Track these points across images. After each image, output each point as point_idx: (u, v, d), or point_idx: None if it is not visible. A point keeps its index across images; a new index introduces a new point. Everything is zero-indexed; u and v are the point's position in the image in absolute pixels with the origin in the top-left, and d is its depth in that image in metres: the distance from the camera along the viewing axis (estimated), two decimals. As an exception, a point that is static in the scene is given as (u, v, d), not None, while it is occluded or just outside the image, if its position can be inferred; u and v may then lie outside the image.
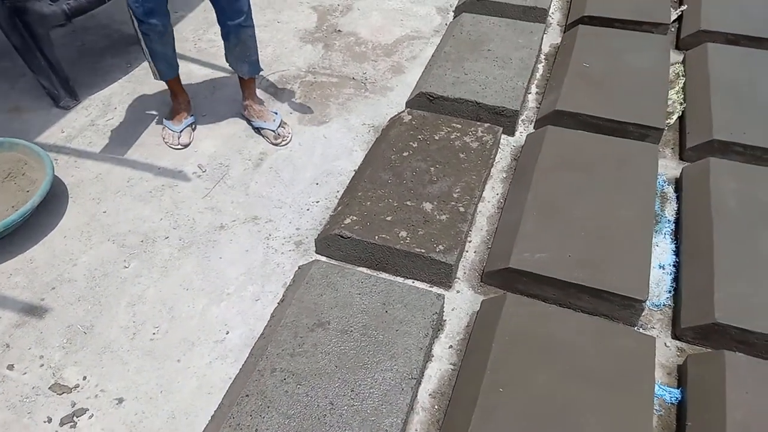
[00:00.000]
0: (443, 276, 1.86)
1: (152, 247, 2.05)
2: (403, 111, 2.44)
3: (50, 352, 1.75)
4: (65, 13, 2.45)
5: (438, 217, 1.96)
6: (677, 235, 2.01)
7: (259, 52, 2.36)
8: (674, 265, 1.92)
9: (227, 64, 2.40)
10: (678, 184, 2.19)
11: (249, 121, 2.53)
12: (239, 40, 2.25)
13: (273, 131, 2.44)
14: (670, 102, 2.51)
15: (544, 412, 1.45)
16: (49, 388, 1.66)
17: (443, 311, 1.78)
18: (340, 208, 2.07)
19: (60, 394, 1.64)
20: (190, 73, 2.84)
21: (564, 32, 3.04)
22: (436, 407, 1.60)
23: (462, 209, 1.98)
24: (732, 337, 1.64)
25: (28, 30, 2.40)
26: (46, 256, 2.02)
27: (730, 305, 1.65)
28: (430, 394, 1.63)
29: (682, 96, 2.54)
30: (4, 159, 2.22)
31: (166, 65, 2.30)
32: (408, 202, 2.01)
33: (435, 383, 1.65)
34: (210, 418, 1.57)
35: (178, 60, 2.38)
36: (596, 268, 1.76)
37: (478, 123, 2.35)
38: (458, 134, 2.28)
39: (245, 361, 1.68)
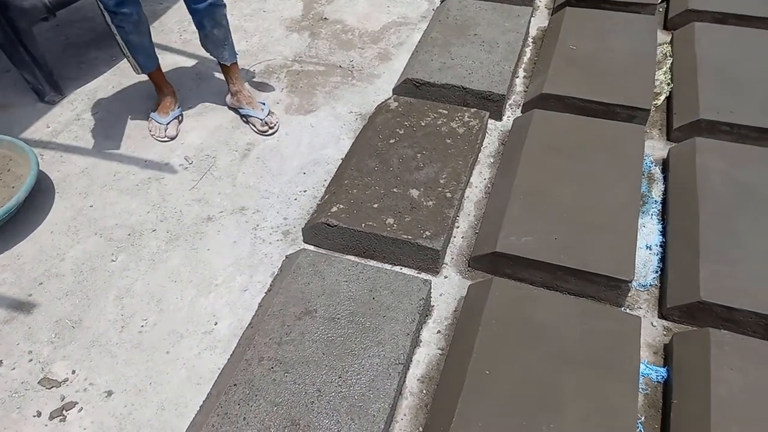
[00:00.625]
0: (430, 262, 1.87)
1: (140, 240, 2.04)
2: (390, 98, 2.43)
3: (39, 347, 1.75)
4: (46, 6, 2.43)
5: (425, 203, 1.95)
6: (664, 216, 2.01)
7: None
8: (661, 246, 1.92)
9: (206, 52, 2.36)
10: (665, 165, 2.19)
11: (236, 110, 2.51)
12: (215, 21, 2.18)
13: (260, 119, 2.42)
14: (657, 83, 2.50)
15: (530, 393, 1.46)
16: (38, 382, 1.66)
17: (430, 297, 1.79)
18: (326, 196, 2.06)
19: (49, 389, 1.64)
20: (175, 65, 2.82)
21: (551, 15, 3.02)
22: (424, 392, 1.61)
23: (449, 195, 1.98)
24: (717, 315, 1.65)
25: (10, 25, 2.38)
26: (33, 251, 2.02)
27: (715, 284, 1.66)
28: (418, 379, 1.63)
29: (670, 76, 2.53)
30: (-12, 155, 2.21)
31: (145, 57, 2.27)
32: (395, 189, 2.01)
33: (423, 368, 1.66)
34: (198, 408, 1.57)
35: (164, 52, 2.36)
36: (582, 250, 1.76)
37: (465, 108, 2.34)
38: (445, 120, 2.27)
39: (233, 351, 1.68)
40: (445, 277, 1.89)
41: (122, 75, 2.78)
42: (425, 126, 2.25)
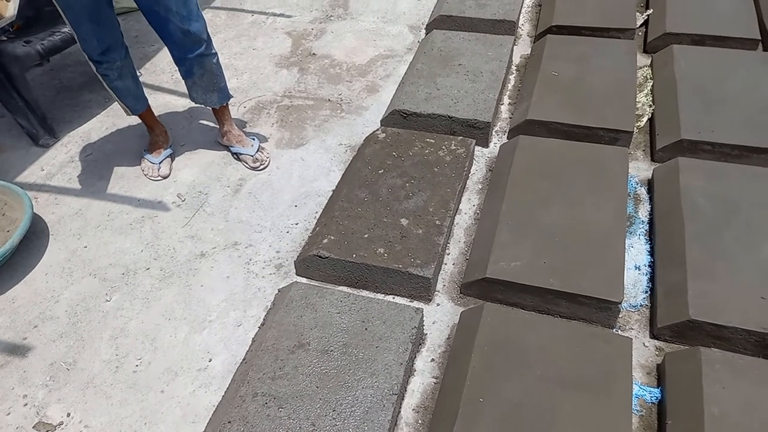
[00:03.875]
0: (422, 290, 1.88)
1: (133, 279, 2.06)
2: (378, 129, 2.48)
3: (33, 390, 1.75)
4: (39, 53, 2.49)
5: (415, 231, 1.98)
6: (651, 236, 2.03)
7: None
8: (650, 266, 1.94)
9: (194, 103, 2.39)
10: (650, 185, 2.22)
11: (227, 148, 2.55)
12: (204, 69, 2.21)
13: (251, 156, 2.46)
14: (639, 105, 2.55)
15: (524, 418, 1.46)
16: (33, 427, 1.66)
17: (423, 325, 1.80)
18: (318, 228, 2.09)
19: (44, 433, 1.64)
20: (167, 105, 2.87)
21: (533, 43, 3.10)
22: (419, 421, 1.61)
23: (438, 222, 2.01)
24: (708, 333, 1.66)
25: (3, 71, 2.43)
26: (27, 294, 2.03)
27: (704, 302, 1.68)
28: (413, 409, 1.64)
29: (651, 98, 2.58)
30: (-17, 200, 2.24)
31: (133, 99, 2.33)
32: (385, 219, 2.03)
33: (418, 397, 1.66)
34: (194, 447, 1.57)
35: (155, 92, 2.41)
36: (571, 273, 1.78)
37: (452, 137, 2.38)
38: (432, 149, 2.31)
39: (228, 388, 1.69)
40: (438, 304, 1.91)
41: (115, 116, 2.83)
42: (413, 155, 2.29)
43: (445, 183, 2.16)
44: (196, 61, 2.17)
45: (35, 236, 2.23)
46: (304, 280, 2.00)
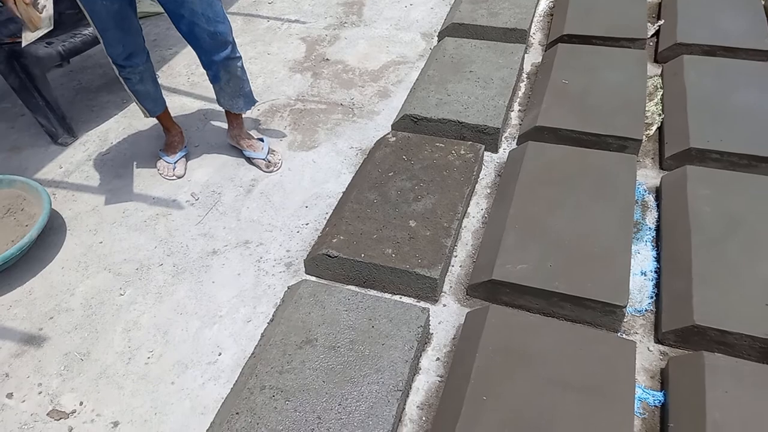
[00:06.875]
0: (429, 290, 1.91)
1: (147, 274, 2.11)
2: (389, 133, 2.52)
3: (48, 379, 1.80)
4: (60, 54, 2.56)
5: (422, 233, 2.01)
6: (658, 243, 2.05)
7: (249, 82, 2.43)
8: (656, 272, 1.96)
9: (220, 107, 2.44)
10: (658, 193, 2.24)
11: (240, 151, 2.61)
12: (230, 74, 2.27)
13: (263, 159, 2.51)
14: (648, 114, 2.57)
15: (526, 419, 1.48)
16: (47, 414, 1.70)
17: (429, 324, 1.82)
18: (327, 228, 2.12)
19: (57, 420, 1.68)
20: (183, 106, 2.93)
21: (545, 51, 3.13)
22: (423, 419, 1.63)
23: (446, 225, 2.04)
24: (712, 339, 1.67)
25: (25, 71, 2.50)
26: (44, 287, 2.09)
27: (709, 308, 1.69)
28: (417, 406, 1.66)
29: (661, 107, 2.60)
30: (3, 195, 2.31)
31: (152, 102, 2.39)
32: (393, 220, 2.06)
33: (422, 395, 1.69)
34: (202, 438, 1.61)
35: (172, 94, 2.47)
36: (577, 277, 1.80)
37: (461, 141, 2.41)
38: (441, 153, 2.35)
39: (236, 380, 1.72)
40: (444, 305, 1.93)
41: (132, 117, 2.89)
42: (423, 159, 2.33)
43: (453, 186, 2.19)
44: (223, 65, 2.21)
45: (53, 231, 2.29)
46: (313, 279, 2.04)
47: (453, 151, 2.35)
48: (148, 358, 1.84)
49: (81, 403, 1.73)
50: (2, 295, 2.06)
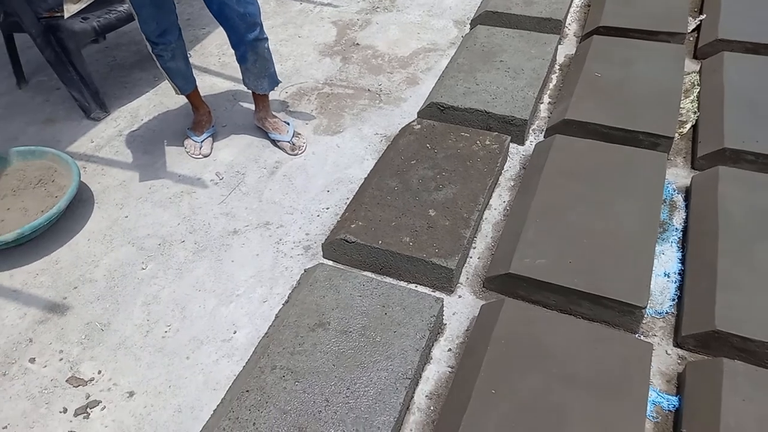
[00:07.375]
0: (444, 280, 1.90)
1: (169, 250, 2.14)
2: (414, 120, 2.50)
3: (69, 347, 1.85)
4: (95, 29, 2.61)
5: (441, 223, 2.00)
6: (684, 244, 1.99)
7: (279, 65, 2.44)
8: (680, 273, 1.91)
9: (246, 87, 2.48)
10: (688, 193, 2.17)
11: (266, 133, 2.62)
12: (257, 55, 2.31)
13: (288, 142, 2.52)
14: (683, 111, 2.49)
15: (534, 414, 1.46)
16: (66, 380, 1.75)
17: (442, 315, 1.82)
18: (347, 214, 2.13)
19: (76, 387, 1.74)
20: (213, 86, 2.96)
21: (579, 43, 3.05)
22: (432, 408, 1.63)
23: (465, 216, 2.02)
24: (732, 345, 1.62)
25: (60, 45, 2.56)
26: (70, 257, 2.14)
27: (731, 313, 1.64)
28: (426, 396, 1.66)
29: (697, 105, 2.52)
30: (35, 166, 2.37)
31: (183, 80, 2.42)
32: (413, 209, 2.05)
33: (432, 385, 1.68)
34: (212, 412, 1.63)
35: (203, 74, 2.50)
36: (596, 275, 1.77)
37: (487, 132, 2.38)
38: (466, 143, 2.32)
39: (249, 359, 1.75)
40: (459, 296, 1.92)
41: (163, 95, 2.94)
42: (447, 148, 2.30)
43: (476, 177, 2.17)
44: (251, 46, 2.26)
45: (81, 204, 2.35)
46: (330, 263, 2.04)
47: (478, 141, 2.32)
48: (166, 332, 1.88)
49: (99, 372, 1.77)
50: (30, 264, 2.13)
